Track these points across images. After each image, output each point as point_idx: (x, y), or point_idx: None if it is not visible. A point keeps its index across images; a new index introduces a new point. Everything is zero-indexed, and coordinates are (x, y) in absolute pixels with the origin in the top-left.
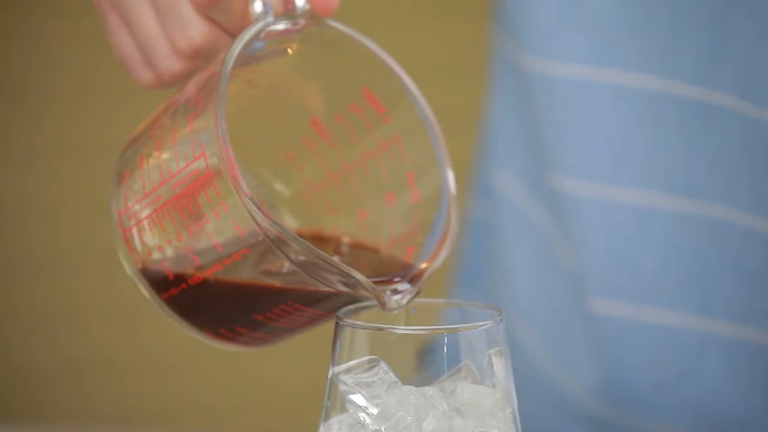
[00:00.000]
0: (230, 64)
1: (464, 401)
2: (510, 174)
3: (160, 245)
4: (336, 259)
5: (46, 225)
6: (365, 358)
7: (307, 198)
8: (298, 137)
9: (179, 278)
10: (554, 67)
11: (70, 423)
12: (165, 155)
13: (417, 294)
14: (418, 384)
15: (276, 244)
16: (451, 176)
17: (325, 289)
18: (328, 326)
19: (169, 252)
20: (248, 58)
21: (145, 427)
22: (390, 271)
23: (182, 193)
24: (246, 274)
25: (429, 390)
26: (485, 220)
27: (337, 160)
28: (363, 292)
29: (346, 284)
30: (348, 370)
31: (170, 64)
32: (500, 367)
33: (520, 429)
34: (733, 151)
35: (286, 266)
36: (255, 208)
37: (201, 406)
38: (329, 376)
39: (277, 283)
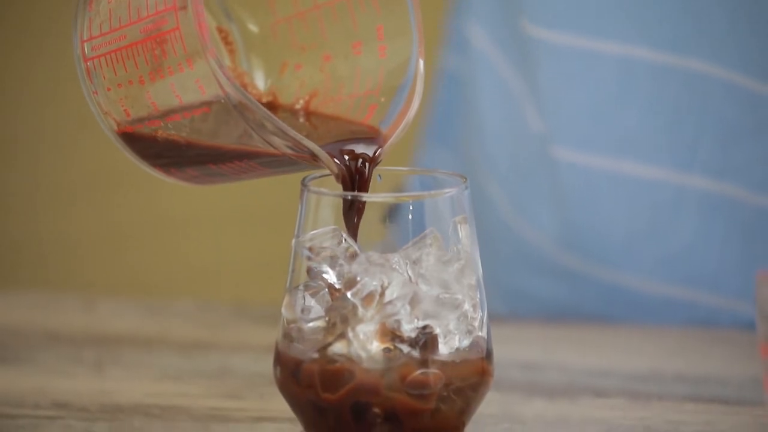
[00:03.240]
0: None
1: (429, 268)
2: (483, 28)
3: (120, 83)
4: (295, 126)
5: (40, 107)
6: (327, 228)
7: (273, 32)
8: None
9: (135, 118)
10: None
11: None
12: None
13: (375, 165)
14: (384, 251)
15: (238, 109)
16: (420, 47)
17: (281, 152)
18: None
19: (129, 92)
20: None
21: (116, 295)
22: (351, 137)
23: (149, 40)
24: (204, 130)
25: (394, 257)
26: (457, 73)
27: None
28: (318, 162)
29: (302, 152)
30: (311, 239)
31: None
32: (465, 233)
33: (484, 295)
34: (717, 6)
35: (245, 129)
36: (220, 71)
37: (170, 274)
38: (293, 245)
39: (233, 143)
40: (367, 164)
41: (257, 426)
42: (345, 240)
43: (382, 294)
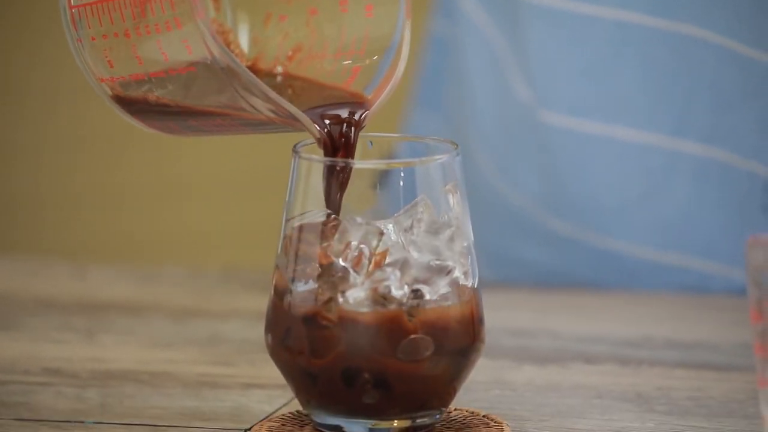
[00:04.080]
0: None
1: (420, 235)
2: None
3: (105, 34)
4: (279, 91)
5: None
6: (316, 211)
7: None
8: None
9: (119, 70)
10: None
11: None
12: None
13: (360, 129)
14: (375, 218)
15: (225, 72)
16: (408, 9)
17: (263, 116)
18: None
19: (114, 44)
20: None
21: (106, 261)
22: (335, 101)
23: None
24: (188, 88)
25: (385, 223)
26: (445, 37)
27: None
28: (299, 125)
29: (284, 116)
30: (300, 219)
31: None
32: (456, 200)
33: (476, 262)
34: None
35: (230, 91)
36: (208, 34)
37: (160, 241)
38: (283, 221)
39: (217, 103)
40: (352, 129)
41: (248, 392)
42: (334, 218)
43: (371, 254)
